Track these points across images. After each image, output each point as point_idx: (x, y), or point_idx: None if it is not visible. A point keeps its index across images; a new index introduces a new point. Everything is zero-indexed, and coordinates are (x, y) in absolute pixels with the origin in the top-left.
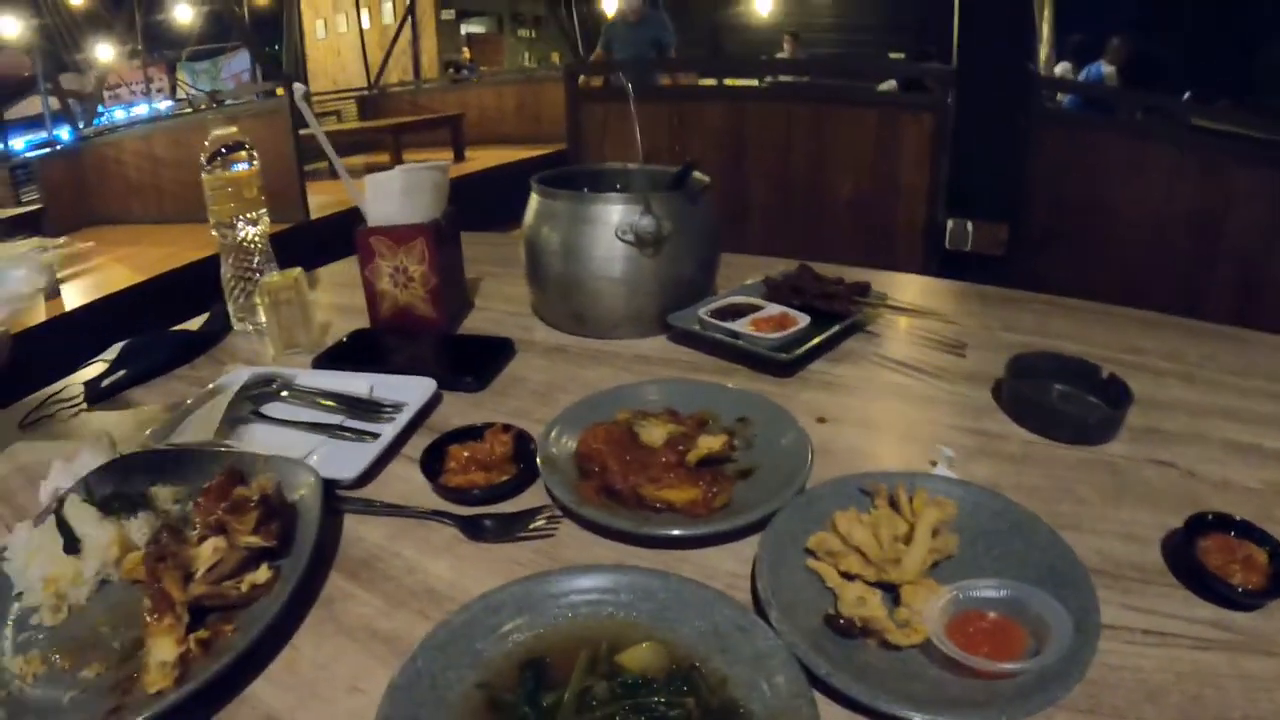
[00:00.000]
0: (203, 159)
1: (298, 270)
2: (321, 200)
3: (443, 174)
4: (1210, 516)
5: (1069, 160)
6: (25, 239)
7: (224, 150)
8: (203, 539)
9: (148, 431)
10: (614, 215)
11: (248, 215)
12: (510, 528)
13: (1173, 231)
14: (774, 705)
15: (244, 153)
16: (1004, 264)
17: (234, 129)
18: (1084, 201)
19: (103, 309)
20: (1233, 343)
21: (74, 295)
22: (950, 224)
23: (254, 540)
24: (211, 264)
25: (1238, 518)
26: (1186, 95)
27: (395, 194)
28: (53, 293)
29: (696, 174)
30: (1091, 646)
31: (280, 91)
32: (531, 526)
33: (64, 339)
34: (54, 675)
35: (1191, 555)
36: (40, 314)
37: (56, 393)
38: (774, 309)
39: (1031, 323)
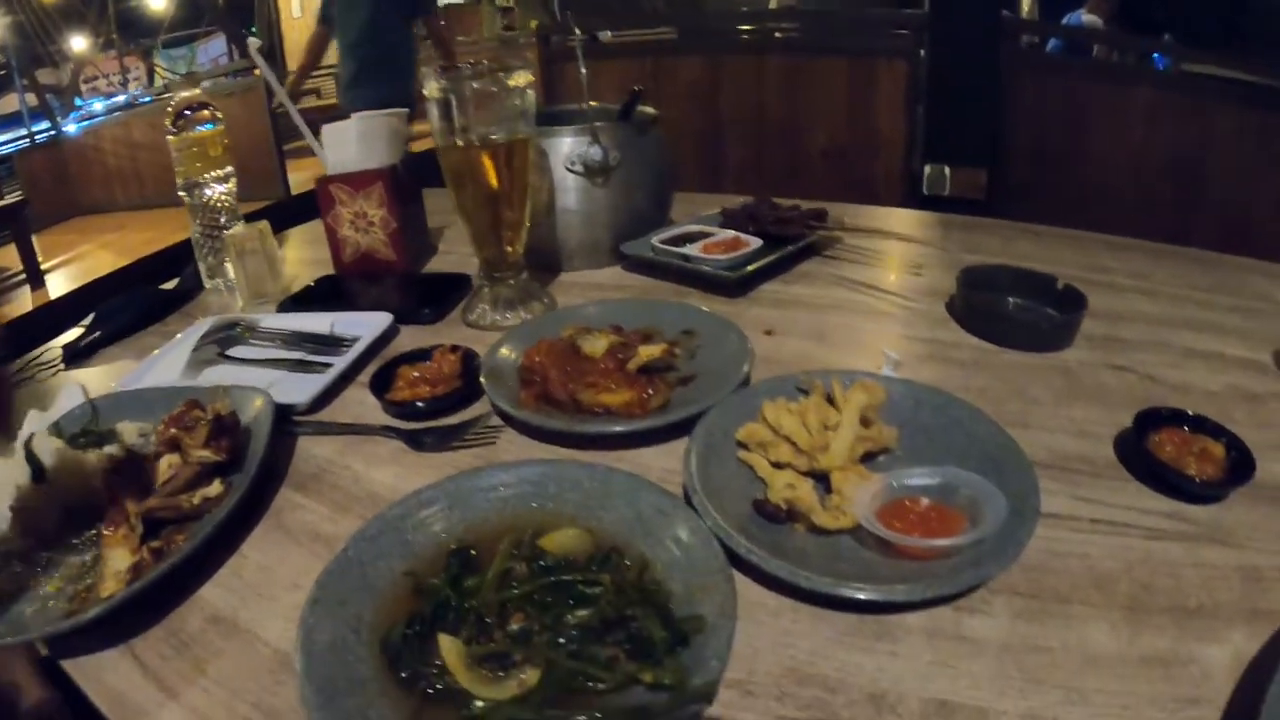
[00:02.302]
0: (168, 123)
1: (263, 222)
2: (303, 177)
3: (400, 121)
4: (1164, 412)
5: (1047, 104)
6: None
7: (188, 111)
8: (158, 456)
9: (117, 380)
10: (563, 146)
11: (214, 173)
12: (450, 437)
13: (1154, 174)
14: (692, 582)
15: (207, 113)
16: (984, 209)
17: (197, 90)
18: (1064, 145)
19: (88, 295)
20: (1199, 264)
21: (60, 284)
22: (928, 169)
23: (205, 454)
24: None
25: (1191, 413)
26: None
27: (352, 141)
28: (37, 283)
29: (643, 106)
30: (1029, 528)
31: (257, 73)
32: (471, 433)
33: (51, 327)
34: (17, 591)
35: (1143, 448)
36: (27, 303)
37: (36, 357)
38: (726, 234)
39: (995, 245)
